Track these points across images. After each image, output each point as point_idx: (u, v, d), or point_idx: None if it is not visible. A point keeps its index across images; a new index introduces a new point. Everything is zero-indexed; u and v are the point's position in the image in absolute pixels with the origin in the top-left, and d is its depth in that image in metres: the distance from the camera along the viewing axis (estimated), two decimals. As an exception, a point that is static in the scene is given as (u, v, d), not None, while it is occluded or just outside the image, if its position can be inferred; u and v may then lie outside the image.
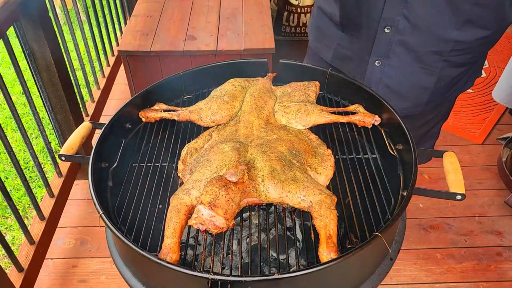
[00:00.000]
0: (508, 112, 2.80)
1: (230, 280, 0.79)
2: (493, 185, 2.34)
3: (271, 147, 1.06)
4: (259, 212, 1.01)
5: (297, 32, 3.43)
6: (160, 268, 0.84)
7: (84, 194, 2.32)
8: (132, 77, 2.42)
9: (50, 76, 1.88)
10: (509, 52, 3.35)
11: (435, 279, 1.91)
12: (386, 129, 1.16)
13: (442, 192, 0.96)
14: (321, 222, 0.91)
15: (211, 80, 1.34)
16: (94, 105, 2.40)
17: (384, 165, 1.11)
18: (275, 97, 1.27)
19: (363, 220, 0.97)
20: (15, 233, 2.29)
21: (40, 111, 2.09)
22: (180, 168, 1.09)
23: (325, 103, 1.30)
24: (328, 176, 1.06)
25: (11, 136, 2.90)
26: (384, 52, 1.28)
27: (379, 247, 0.93)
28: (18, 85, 3.28)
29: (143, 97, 1.22)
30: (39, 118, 1.79)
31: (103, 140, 1.09)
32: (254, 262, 1.10)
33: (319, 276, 0.85)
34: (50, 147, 1.93)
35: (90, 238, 2.11)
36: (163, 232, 0.92)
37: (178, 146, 1.18)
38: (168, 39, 2.37)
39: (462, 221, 2.15)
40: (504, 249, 2.02)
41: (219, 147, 1.06)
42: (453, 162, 1.03)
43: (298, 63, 1.33)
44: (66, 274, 1.96)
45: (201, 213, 0.87)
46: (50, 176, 2.46)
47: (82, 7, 2.48)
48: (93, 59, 2.53)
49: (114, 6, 2.94)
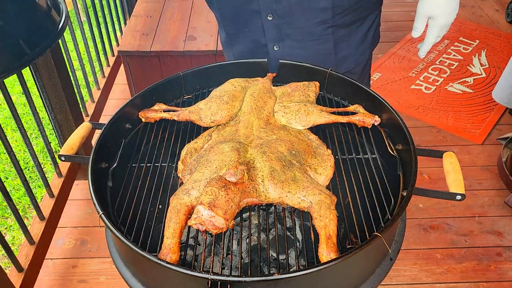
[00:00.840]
0: (508, 112, 2.80)
1: (230, 280, 0.79)
2: (493, 185, 2.34)
3: (271, 147, 1.06)
4: (259, 212, 1.01)
5: (297, 32, 3.43)
6: (160, 268, 0.84)
7: (84, 194, 2.32)
8: (132, 77, 2.42)
9: (50, 76, 1.88)
10: (509, 52, 3.36)
11: (435, 279, 1.91)
12: (386, 129, 1.16)
13: (442, 192, 0.96)
14: (321, 222, 0.91)
15: (211, 80, 1.34)
16: (94, 105, 2.40)
17: (384, 165, 1.11)
18: (275, 97, 1.27)
19: (363, 220, 0.97)
20: (15, 233, 2.29)
21: (40, 111, 2.09)
22: (180, 169, 1.09)
23: (325, 103, 1.30)
24: (328, 176, 1.06)
25: (11, 136, 2.90)
26: (276, 37, 1.36)
27: (379, 247, 0.93)
28: (18, 85, 3.28)
29: (143, 97, 1.22)
30: (39, 118, 1.79)
31: (103, 140, 1.09)
32: (254, 262, 1.10)
33: (319, 276, 0.85)
34: (50, 147, 1.93)
35: (90, 238, 2.11)
36: (163, 232, 0.92)
37: (178, 146, 1.18)
38: (168, 39, 2.38)
39: (462, 221, 2.15)
40: (504, 249, 2.02)
41: (219, 148, 1.06)
42: (453, 162, 1.03)
43: (298, 63, 1.33)
44: (66, 274, 1.96)
45: (201, 214, 0.87)
46: (50, 176, 2.46)
47: (82, 7, 2.48)
48: (93, 59, 2.53)
49: (114, 6, 2.94)
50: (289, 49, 1.38)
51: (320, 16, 1.29)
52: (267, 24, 1.33)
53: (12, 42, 0.87)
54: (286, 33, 1.35)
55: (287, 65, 1.34)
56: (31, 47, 0.89)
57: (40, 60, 1.81)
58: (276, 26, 1.33)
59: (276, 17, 1.30)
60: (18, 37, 0.88)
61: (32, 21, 0.91)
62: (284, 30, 1.34)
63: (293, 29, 1.33)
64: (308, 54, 1.39)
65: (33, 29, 0.91)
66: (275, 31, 1.35)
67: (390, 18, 3.78)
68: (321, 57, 1.41)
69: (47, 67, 1.85)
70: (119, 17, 3.05)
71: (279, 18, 1.30)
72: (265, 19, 1.32)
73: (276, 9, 1.28)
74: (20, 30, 0.88)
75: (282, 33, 1.35)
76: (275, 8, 1.28)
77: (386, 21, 3.69)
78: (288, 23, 1.32)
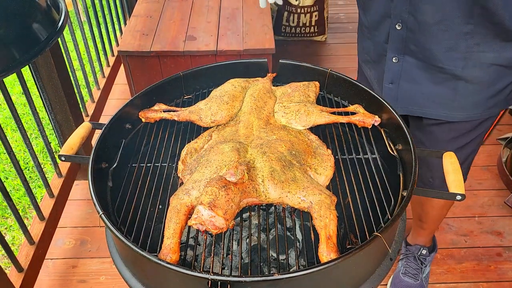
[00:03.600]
0: (508, 112, 2.80)
1: (230, 280, 0.79)
2: (493, 185, 2.34)
3: (271, 147, 1.06)
4: (259, 212, 1.01)
5: (297, 32, 3.43)
6: (160, 268, 0.84)
7: (84, 194, 2.31)
8: (132, 77, 2.42)
9: (50, 76, 1.88)
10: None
11: (435, 279, 1.91)
12: (386, 130, 1.16)
13: (442, 193, 0.96)
14: (321, 223, 0.91)
15: (211, 80, 1.34)
16: (94, 105, 2.40)
17: (384, 165, 1.11)
18: (275, 98, 1.27)
19: (363, 220, 0.97)
20: (15, 233, 2.29)
21: (40, 111, 2.08)
22: (180, 169, 1.09)
23: (325, 103, 1.30)
24: (328, 176, 1.06)
25: (11, 136, 2.90)
26: (399, 49, 1.25)
27: (379, 247, 0.93)
28: (18, 85, 3.28)
29: (143, 97, 1.22)
30: (39, 118, 1.79)
31: (103, 140, 1.09)
32: (254, 263, 1.10)
33: (319, 276, 0.85)
34: (50, 147, 1.93)
35: (90, 238, 2.11)
36: (163, 232, 0.92)
37: (178, 146, 1.18)
38: (168, 39, 2.37)
39: (462, 221, 2.15)
40: (504, 249, 2.02)
41: (219, 148, 1.06)
42: (453, 162, 1.03)
43: (298, 63, 1.33)
44: (66, 274, 1.96)
45: (201, 214, 0.87)
46: (50, 176, 2.46)
47: (82, 8, 2.48)
48: (93, 59, 2.53)
49: (114, 6, 2.94)
50: (407, 65, 1.27)
51: (455, 42, 1.14)
52: (394, 32, 1.23)
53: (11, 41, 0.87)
54: (410, 49, 1.23)
55: (287, 65, 1.34)
56: (30, 45, 0.89)
57: (40, 60, 1.81)
58: (402, 38, 1.22)
59: (405, 28, 1.19)
60: (17, 36, 0.88)
61: (31, 19, 0.91)
62: (409, 44, 1.22)
63: (420, 47, 1.21)
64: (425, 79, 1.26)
65: (32, 28, 0.91)
66: (399, 42, 1.24)
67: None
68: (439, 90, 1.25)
69: (47, 67, 1.84)
70: (119, 17, 3.05)
71: (408, 31, 1.19)
72: (393, 27, 1.22)
73: (408, 21, 1.17)
74: (19, 29, 0.88)
75: (406, 47, 1.23)
76: (406, 19, 1.17)
77: (386, 21, 3.68)
78: (416, 39, 1.20)
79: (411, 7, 1.14)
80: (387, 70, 1.31)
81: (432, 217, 1.70)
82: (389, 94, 1.34)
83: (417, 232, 1.83)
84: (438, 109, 1.29)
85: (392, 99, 1.33)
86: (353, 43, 3.45)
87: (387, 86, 1.33)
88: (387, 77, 1.32)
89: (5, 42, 0.86)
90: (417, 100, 1.31)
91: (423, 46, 1.19)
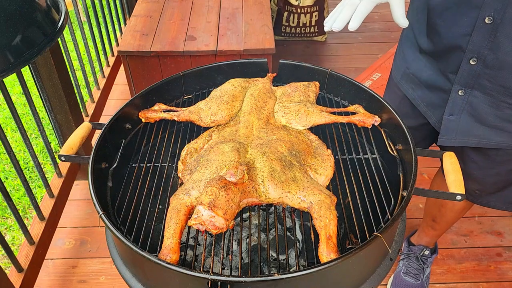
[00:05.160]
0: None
1: (230, 280, 0.79)
2: (493, 185, 2.34)
3: (271, 147, 1.06)
4: (259, 212, 1.01)
5: (297, 32, 3.43)
6: (160, 268, 0.84)
7: (84, 195, 2.31)
8: (132, 77, 2.42)
9: (50, 76, 1.88)
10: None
11: (435, 279, 1.91)
12: (386, 130, 1.16)
13: (442, 193, 0.96)
14: (321, 223, 0.91)
15: (211, 80, 1.34)
16: (94, 106, 2.40)
17: (384, 165, 1.12)
18: (275, 98, 1.27)
19: (363, 220, 0.97)
20: (15, 234, 2.29)
21: (40, 111, 2.09)
22: (180, 169, 1.09)
23: (325, 103, 1.30)
24: (328, 176, 1.06)
25: (11, 136, 2.90)
26: (468, 83, 1.18)
27: (379, 248, 0.93)
28: (18, 85, 3.28)
29: (143, 97, 1.22)
30: (39, 118, 1.79)
31: (103, 140, 1.09)
32: (254, 263, 1.10)
33: (319, 276, 0.85)
34: (50, 147, 1.93)
35: (90, 238, 2.11)
36: (163, 232, 0.92)
37: (178, 146, 1.18)
38: (168, 39, 2.37)
39: (462, 221, 2.15)
40: (504, 249, 2.02)
41: (219, 148, 1.06)
42: (453, 162, 1.03)
43: (298, 63, 1.33)
44: (66, 275, 1.96)
45: (201, 214, 0.87)
46: (50, 176, 2.46)
47: (83, 8, 2.48)
48: (93, 59, 2.53)
49: (114, 6, 2.94)
50: (474, 98, 1.19)
51: None
52: (466, 67, 1.14)
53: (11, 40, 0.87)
54: (481, 84, 1.16)
55: (287, 65, 1.34)
56: (30, 45, 0.89)
57: (40, 60, 1.81)
58: (475, 73, 1.14)
59: (481, 65, 1.11)
60: (16, 35, 0.88)
61: (31, 19, 0.91)
62: (481, 80, 1.15)
63: (492, 83, 1.14)
64: (491, 113, 1.20)
65: (32, 28, 0.91)
66: (470, 77, 1.16)
67: (390, 18, 3.77)
68: (504, 123, 1.20)
69: (47, 67, 1.84)
70: (119, 17, 3.05)
71: (484, 67, 1.11)
72: (465, 61, 1.13)
73: (486, 57, 1.09)
74: (18, 28, 0.88)
75: (477, 82, 1.16)
76: (485, 55, 1.09)
77: (386, 21, 3.69)
78: (492, 76, 1.12)
79: (494, 45, 1.07)
80: (450, 102, 1.24)
81: (447, 219, 1.69)
82: (448, 126, 1.27)
83: (426, 232, 1.82)
84: (498, 140, 1.25)
85: (452, 132, 1.27)
86: (353, 43, 3.47)
87: (447, 118, 1.26)
88: (449, 109, 1.25)
89: (5, 42, 0.86)
90: (476, 132, 1.25)
91: (499, 83, 1.13)
